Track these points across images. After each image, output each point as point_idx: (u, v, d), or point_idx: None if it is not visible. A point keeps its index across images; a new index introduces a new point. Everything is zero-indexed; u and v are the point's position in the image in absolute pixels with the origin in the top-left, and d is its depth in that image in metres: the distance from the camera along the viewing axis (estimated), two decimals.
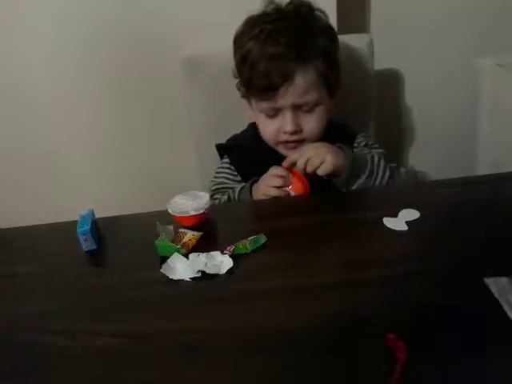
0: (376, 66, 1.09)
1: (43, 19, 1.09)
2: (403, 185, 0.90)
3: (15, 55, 1.12)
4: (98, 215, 0.75)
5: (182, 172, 1.17)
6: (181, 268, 0.62)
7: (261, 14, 0.89)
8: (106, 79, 1.16)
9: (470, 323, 0.49)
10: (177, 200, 0.73)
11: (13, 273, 0.69)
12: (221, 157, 1.03)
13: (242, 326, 0.53)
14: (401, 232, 0.66)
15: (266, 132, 0.92)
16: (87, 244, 0.69)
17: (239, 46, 0.90)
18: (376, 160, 0.87)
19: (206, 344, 0.51)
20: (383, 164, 0.87)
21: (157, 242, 0.66)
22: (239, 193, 0.90)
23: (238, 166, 0.99)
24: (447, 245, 0.63)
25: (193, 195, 0.73)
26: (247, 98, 0.94)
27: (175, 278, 0.61)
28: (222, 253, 0.64)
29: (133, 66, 1.15)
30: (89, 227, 0.69)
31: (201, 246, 0.66)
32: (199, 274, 0.61)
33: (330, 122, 0.93)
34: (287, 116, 0.88)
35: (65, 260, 0.70)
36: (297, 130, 0.88)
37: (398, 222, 0.68)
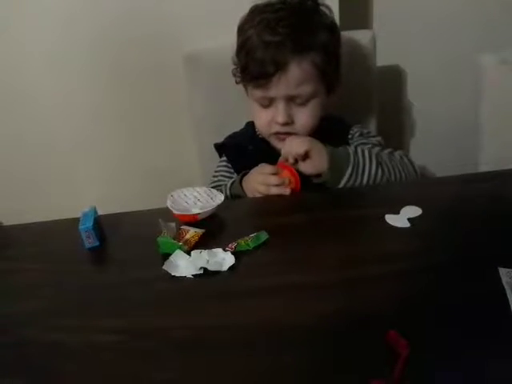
0: (378, 62, 1.09)
1: (44, 18, 1.09)
2: (405, 182, 0.90)
3: (16, 54, 1.12)
4: (100, 212, 0.75)
5: (183, 170, 1.18)
6: (183, 265, 0.62)
7: (266, 4, 0.89)
8: (107, 77, 1.16)
9: (472, 320, 0.49)
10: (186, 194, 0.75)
11: (15, 269, 0.70)
12: (220, 155, 1.03)
13: (244, 323, 0.53)
14: (403, 229, 0.66)
15: (259, 122, 0.93)
16: (89, 241, 0.70)
17: (240, 34, 0.90)
18: (359, 151, 0.86)
19: (208, 341, 0.51)
20: (368, 154, 0.86)
21: (159, 239, 0.66)
22: (230, 188, 0.91)
23: (235, 164, 0.99)
24: (449, 242, 0.63)
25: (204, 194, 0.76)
26: (244, 85, 0.94)
27: (177, 275, 0.61)
28: (224, 250, 0.64)
29: (134, 64, 1.15)
30: (91, 224, 0.69)
31: (203, 243, 0.66)
32: (201, 271, 0.61)
33: (328, 116, 0.93)
34: (280, 107, 0.87)
35: (67, 257, 0.70)
36: (288, 122, 0.88)
37: (400, 219, 0.68)
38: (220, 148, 1.03)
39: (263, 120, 0.91)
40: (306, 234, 0.68)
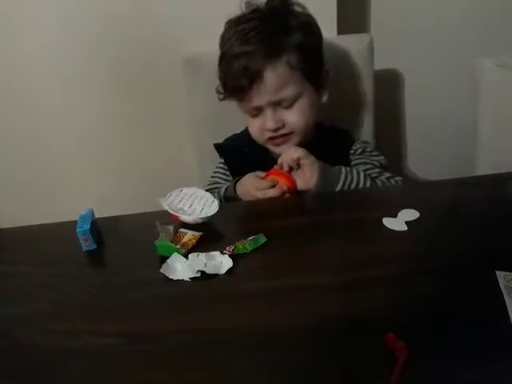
0: (376, 67, 1.09)
1: (44, 19, 1.09)
2: (402, 185, 0.90)
3: (16, 53, 1.12)
4: (99, 213, 0.75)
5: (182, 172, 1.17)
6: (180, 268, 0.62)
7: (238, 16, 0.88)
8: (106, 78, 1.16)
9: (470, 323, 0.49)
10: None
11: (12, 272, 0.69)
12: (220, 156, 1.04)
13: (242, 327, 0.53)
14: (400, 232, 0.66)
15: (252, 131, 0.93)
16: (87, 244, 0.69)
17: (220, 49, 0.90)
18: (355, 173, 0.86)
19: (206, 344, 0.51)
20: (362, 177, 0.86)
21: (156, 243, 0.66)
22: (224, 192, 0.91)
23: (232, 167, 0.99)
24: (446, 245, 0.63)
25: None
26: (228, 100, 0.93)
27: (175, 278, 0.61)
28: (222, 253, 0.64)
29: (133, 65, 1.15)
30: (88, 227, 0.69)
31: (200, 246, 0.66)
32: (199, 274, 0.61)
33: (326, 127, 0.93)
34: (267, 114, 0.87)
35: (64, 260, 0.70)
36: (279, 126, 0.88)
37: (398, 222, 0.68)
38: (219, 148, 1.03)
39: (255, 129, 0.91)
40: (304, 237, 0.68)
